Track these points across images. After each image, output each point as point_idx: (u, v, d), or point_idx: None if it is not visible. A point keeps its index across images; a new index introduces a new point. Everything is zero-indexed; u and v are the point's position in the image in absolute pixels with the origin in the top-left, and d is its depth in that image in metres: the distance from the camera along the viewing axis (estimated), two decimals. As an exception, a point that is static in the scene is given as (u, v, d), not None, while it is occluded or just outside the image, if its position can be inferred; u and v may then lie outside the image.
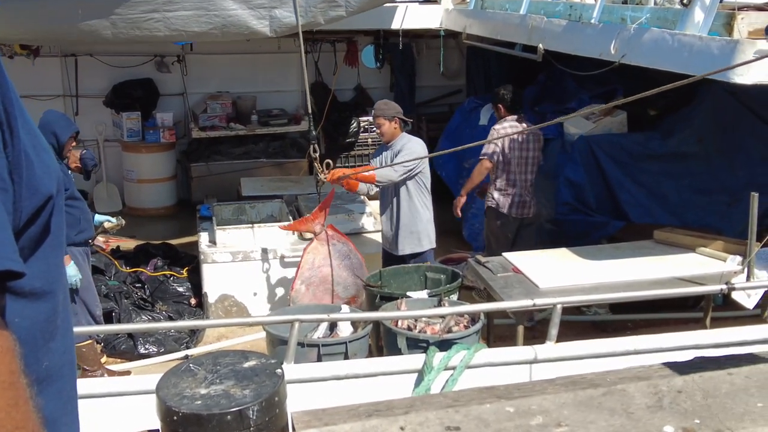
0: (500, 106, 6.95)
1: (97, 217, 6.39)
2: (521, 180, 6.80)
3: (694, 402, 2.48)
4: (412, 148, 6.23)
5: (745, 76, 4.53)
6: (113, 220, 6.49)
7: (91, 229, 6.06)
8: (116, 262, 7.18)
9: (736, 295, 5.35)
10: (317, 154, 6.07)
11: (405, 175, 6.12)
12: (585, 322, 6.84)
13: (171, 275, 7.19)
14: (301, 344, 4.72)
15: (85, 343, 5.95)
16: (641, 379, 3.55)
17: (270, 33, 6.66)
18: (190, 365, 3.25)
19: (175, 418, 2.92)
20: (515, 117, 6.87)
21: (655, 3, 6.03)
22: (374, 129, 10.60)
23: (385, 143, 6.45)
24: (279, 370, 3.18)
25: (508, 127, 6.75)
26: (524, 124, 6.77)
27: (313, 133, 6.32)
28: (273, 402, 3.01)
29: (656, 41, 5.27)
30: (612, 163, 7.05)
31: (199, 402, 2.95)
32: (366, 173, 6.20)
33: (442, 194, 8.70)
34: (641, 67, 5.49)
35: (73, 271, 5.69)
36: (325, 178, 6.07)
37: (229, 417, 2.91)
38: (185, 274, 7.26)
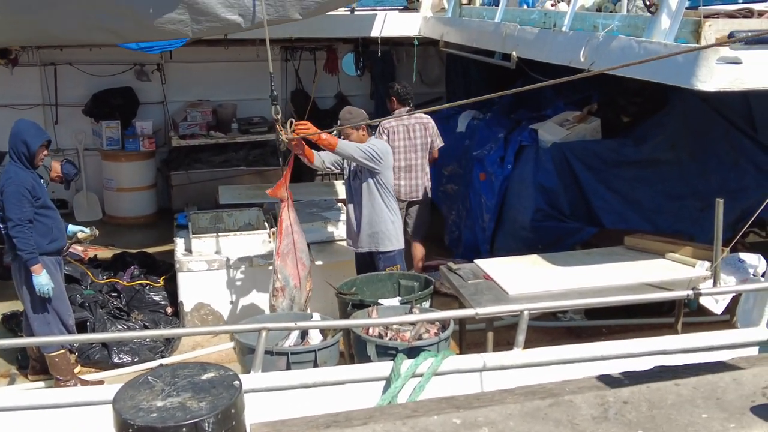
0: (393, 99, 7.74)
1: (71, 228, 6.40)
2: (407, 166, 7.56)
3: (639, 413, 2.51)
4: (374, 142, 6.33)
5: (708, 83, 4.58)
6: (87, 230, 6.50)
7: (64, 238, 6.07)
8: (89, 273, 7.16)
9: (704, 301, 5.40)
10: (279, 116, 5.97)
11: (365, 160, 6.12)
12: (560, 327, 6.87)
13: (147, 284, 7.18)
14: (269, 352, 4.74)
15: (58, 352, 5.95)
16: (599, 389, 3.59)
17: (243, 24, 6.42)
18: (148, 377, 3.26)
19: (130, 430, 2.93)
20: (405, 109, 7.65)
21: (627, 11, 6.08)
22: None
23: None
24: (236, 382, 3.19)
25: (393, 120, 7.56)
26: (413, 115, 7.63)
27: (275, 93, 6.13)
28: (229, 414, 3.02)
29: (623, 49, 5.32)
30: (585, 170, 7.09)
31: (155, 415, 2.95)
32: (331, 140, 6.09)
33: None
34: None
35: (44, 280, 5.69)
36: (287, 138, 5.98)
37: (184, 430, 2.91)
38: (161, 283, 7.26)
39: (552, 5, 7.24)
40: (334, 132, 6.29)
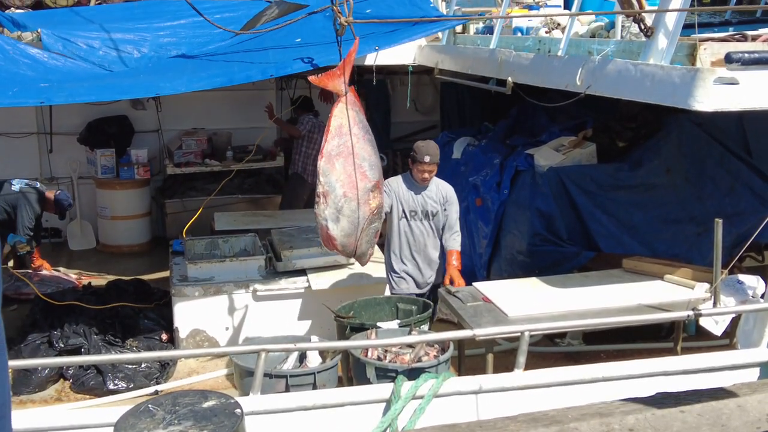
0: (299, 110, 9.83)
1: (11, 237, 6.60)
2: (312, 156, 9.28)
3: (645, 441, 2.47)
4: (455, 198, 6.43)
5: (705, 103, 4.59)
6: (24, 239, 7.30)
7: None
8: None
9: (704, 322, 5.38)
10: None
11: None
12: (558, 353, 6.84)
13: (141, 309, 7.12)
14: (268, 375, 4.70)
15: None
16: (603, 416, 3.56)
17: None
18: (149, 405, 3.23)
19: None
20: (310, 113, 9.78)
21: (621, 37, 6.14)
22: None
23: (421, 185, 6.33)
24: (238, 410, 3.16)
25: (307, 121, 9.58)
26: (318, 119, 9.70)
27: None
28: (231, 440, 2.98)
29: (620, 72, 5.34)
30: (582, 194, 7.09)
31: (156, 441, 2.92)
32: (455, 258, 6.17)
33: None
34: (611, 98, 5.57)
35: None
36: (345, 21, 5.42)
37: (185, 453, 2.88)
38: (152, 306, 7.22)
39: (546, 32, 7.31)
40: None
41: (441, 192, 6.36)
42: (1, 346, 1.32)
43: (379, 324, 5.54)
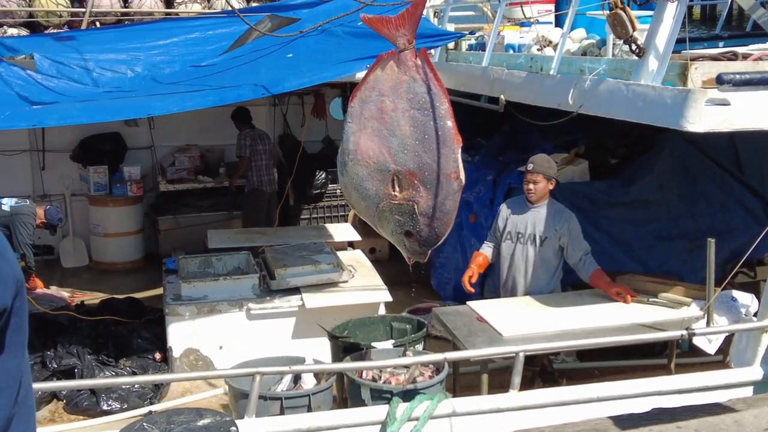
0: (237, 122, 9.80)
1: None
2: (263, 167, 9.73)
3: (643, 454, 2.48)
4: (578, 226, 6.02)
5: (697, 124, 4.63)
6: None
7: None
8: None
9: (697, 341, 5.40)
10: None
11: None
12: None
13: (134, 328, 7.10)
14: (263, 397, 4.68)
15: None
16: (598, 432, 3.57)
17: None
18: (144, 423, 3.22)
19: (126, 477, 2.88)
20: (250, 128, 9.82)
21: (613, 55, 6.17)
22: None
23: (530, 202, 6.07)
24: (233, 428, 3.16)
25: (244, 139, 9.67)
26: (255, 130, 9.90)
27: None
28: (227, 459, 2.98)
29: (612, 92, 5.38)
30: (575, 211, 7.06)
31: (151, 460, 2.91)
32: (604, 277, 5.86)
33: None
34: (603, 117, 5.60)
35: None
36: None
37: (181, 475, 2.87)
38: (142, 321, 7.22)
39: (538, 50, 7.35)
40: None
41: (558, 218, 5.96)
42: (29, 393, 1.32)
43: (373, 344, 5.54)
